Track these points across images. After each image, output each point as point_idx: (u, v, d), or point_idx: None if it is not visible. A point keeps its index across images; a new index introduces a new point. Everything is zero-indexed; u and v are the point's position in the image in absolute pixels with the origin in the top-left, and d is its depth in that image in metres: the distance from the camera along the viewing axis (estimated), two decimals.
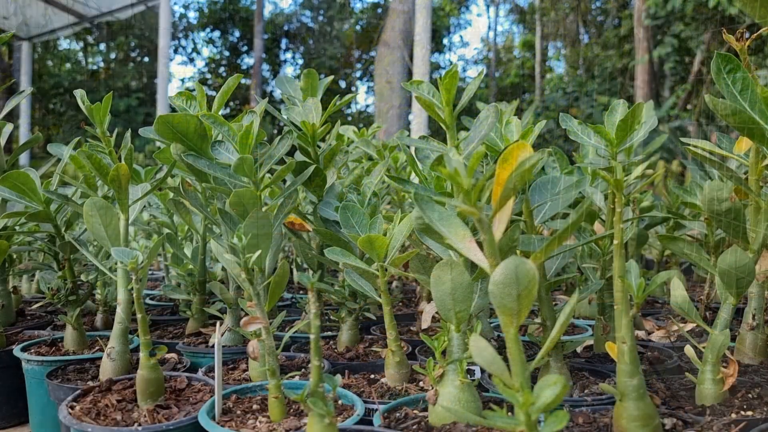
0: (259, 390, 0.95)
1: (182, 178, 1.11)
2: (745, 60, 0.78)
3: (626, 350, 0.71)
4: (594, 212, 1.26)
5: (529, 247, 0.88)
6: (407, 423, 0.78)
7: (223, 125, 0.89)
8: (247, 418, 0.86)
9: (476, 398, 0.75)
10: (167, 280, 1.86)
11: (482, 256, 0.59)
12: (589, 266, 1.10)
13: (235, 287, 1.22)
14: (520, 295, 0.51)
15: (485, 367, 0.53)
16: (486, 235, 0.59)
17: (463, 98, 0.86)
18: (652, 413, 0.70)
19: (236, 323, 1.23)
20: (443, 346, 0.79)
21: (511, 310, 0.52)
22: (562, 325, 0.58)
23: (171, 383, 1.01)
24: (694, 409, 0.79)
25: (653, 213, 1.43)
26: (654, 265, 1.81)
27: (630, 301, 0.73)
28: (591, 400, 0.83)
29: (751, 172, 0.87)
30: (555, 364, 0.89)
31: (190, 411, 0.91)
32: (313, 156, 1.17)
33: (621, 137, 0.88)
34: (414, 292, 1.88)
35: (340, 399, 0.90)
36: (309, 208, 1.51)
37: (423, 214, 0.62)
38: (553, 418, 0.49)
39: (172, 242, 1.35)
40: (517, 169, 0.52)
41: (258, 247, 0.86)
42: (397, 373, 0.97)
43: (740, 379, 0.86)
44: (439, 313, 0.76)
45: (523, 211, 0.92)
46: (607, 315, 1.11)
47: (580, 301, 1.03)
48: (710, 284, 1.32)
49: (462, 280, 0.71)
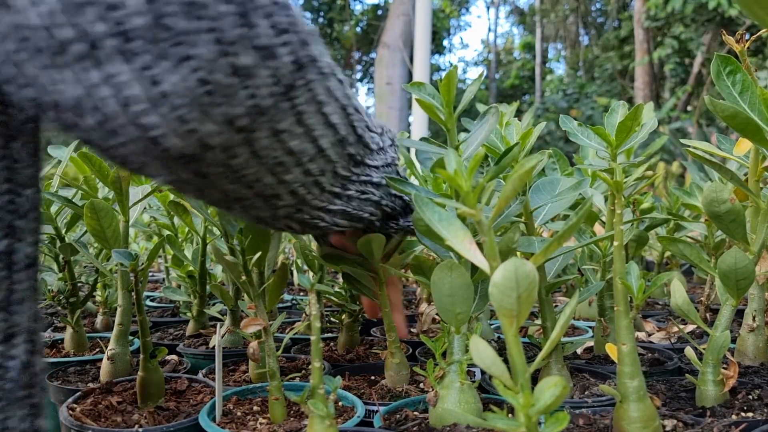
0: (260, 391, 0.95)
1: None
2: (745, 61, 0.78)
3: (626, 352, 0.71)
4: (594, 214, 1.26)
5: (529, 249, 0.88)
6: (408, 425, 0.78)
7: None
8: (247, 420, 0.86)
9: (477, 400, 0.75)
10: (167, 281, 1.86)
11: (482, 257, 0.59)
12: (589, 268, 1.10)
13: (235, 289, 1.22)
14: (520, 296, 0.51)
15: (485, 369, 0.53)
16: (486, 236, 0.59)
17: (464, 100, 0.86)
18: (653, 415, 0.70)
19: (236, 325, 1.23)
20: (443, 348, 0.79)
21: (511, 312, 0.52)
22: (562, 326, 0.58)
23: (171, 385, 1.01)
24: (695, 411, 0.79)
25: (653, 214, 1.43)
26: (654, 266, 1.81)
27: (630, 302, 0.73)
28: (591, 402, 0.83)
29: (751, 173, 0.87)
30: (555, 365, 0.89)
31: (191, 412, 0.91)
32: None
33: (621, 139, 0.88)
34: (414, 293, 1.88)
35: (340, 400, 0.90)
36: None
37: (423, 215, 0.62)
38: (553, 419, 0.49)
39: (173, 244, 1.35)
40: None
41: (258, 248, 0.86)
42: (398, 375, 0.97)
43: (741, 381, 0.86)
44: (439, 315, 0.76)
45: (523, 212, 0.92)
46: (607, 316, 1.11)
47: (580, 303, 1.03)
48: (710, 286, 1.32)
49: (462, 282, 0.71)
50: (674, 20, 9.49)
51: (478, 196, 0.58)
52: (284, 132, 0.50)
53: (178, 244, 1.39)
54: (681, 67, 10.41)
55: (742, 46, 0.79)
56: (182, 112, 0.43)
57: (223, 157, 0.48)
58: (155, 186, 1.11)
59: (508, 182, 0.57)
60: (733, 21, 8.62)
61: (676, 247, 0.85)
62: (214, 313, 1.27)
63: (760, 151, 0.85)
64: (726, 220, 0.82)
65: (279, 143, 0.51)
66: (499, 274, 0.50)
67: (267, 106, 0.47)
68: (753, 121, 0.73)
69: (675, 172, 3.30)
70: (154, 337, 1.42)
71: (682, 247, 0.85)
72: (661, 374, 0.98)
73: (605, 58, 14.38)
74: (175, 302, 1.70)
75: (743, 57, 0.78)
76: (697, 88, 10.13)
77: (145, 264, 1.02)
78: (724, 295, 0.82)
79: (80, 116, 0.43)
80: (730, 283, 0.79)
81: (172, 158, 0.46)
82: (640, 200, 1.39)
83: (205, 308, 1.37)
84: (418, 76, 5.59)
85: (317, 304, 0.75)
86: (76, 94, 0.42)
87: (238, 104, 0.45)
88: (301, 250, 1.24)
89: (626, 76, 13.38)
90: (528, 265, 0.50)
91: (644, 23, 9.89)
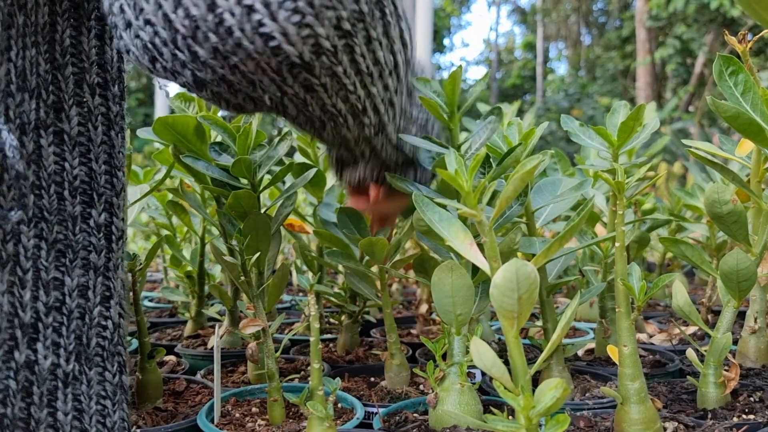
0: (258, 393, 0.95)
1: (181, 180, 1.11)
2: (747, 62, 0.77)
3: (628, 353, 0.71)
4: (596, 214, 1.25)
5: (530, 250, 0.87)
6: (407, 426, 0.78)
7: (222, 127, 0.89)
8: (246, 421, 0.85)
9: (477, 401, 0.75)
10: (166, 281, 1.86)
11: (483, 258, 0.58)
12: (590, 269, 1.10)
13: (233, 289, 1.21)
14: (520, 297, 0.50)
15: (486, 371, 0.53)
16: (487, 237, 0.58)
17: (469, 100, 0.86)
18: (654, 417, 0.70)
19: (235, 326, 1.22)
20: (444, 349, 0.78)
21: (511, 313, 0.51)
22: (563, 328, 0.58)
23: (170, 386, 1.01)
24: (696, 413, 0.79)
25: (655, 215, 1.42)
26: (656, 268, 1.80)
27: (632, 304, 0.73)
28: (592, 404, 0.83)
29: (753, 174, 0.87)
30: (556, 367, 0.88)
31: (189, 414, 0.90)
32: (313, 157, 1.17)
33: (623, 139, 0.87)
34: (414, 294, 1.88)
35: (339, 402, 0.90)
36: (309, 209, 1.51)
37: (423, 215, 0.62)
38: (554, 421, 0.49)
39: (171, 244, 1.35)
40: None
41: (257, 248, 0.86)
42: (397, 376, 0.96)
43: (742, 383, 0.85)
44: (439, 316, 0.76)
45: (525, 213, 0.92)
46: (608, 318, 1.10)
47: (581, 304, 1.02)
48: (712, 287, 1.32)
49: (462, 283, 0.70)
50: (676, 20, 9.49)
51: (479, 196, 0.58)
52: (374, 41, 0.55)
53: (176, 243, 1.38)
54: (683, 67, 10.40)
55: (744, 46, 0.78)
56: (299, 18, 0.47)
57: (329, 63, 0.52)
58: (154, 185, 1.11)
59: (509, 183, 0.57)
60: (736, 21, 8.62)
61: (677, 248, 0.85)
62: (213, 314, 1.27)
63: (762, 152, 0.85)
64: (728, 222, 0.81)
65: (370, 52, 0.56)
66: (499, 275, 0.50)
67: (365, 12, 0.52)
68: (755, 121, 0.73)
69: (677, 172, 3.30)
70: (152, 337, 1.42)
71: (683, 248, 0.85)
72: (662, 376, 0.98)
73: (607, 58, 14.38)
74: (174, 302, 1.69)
75: (745, 57, 0.78)
76: (699, 88, 10.13)
77: (143, 264, 1.01)
78: (726, 297, 0.82)
79: (201, 41, 0.46)
80: (731, 284, 0.78)
81: (287, 68, 0.50)
82: (642, 201, 1.39)
83: (203, 309, 1.37)
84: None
85: (316, 305, 0.74)
86: (197, 14, 0.45)
87: (344, 8, 0.49)
88: (301, 251, 1.23)
89: (628, 76, 13.38)
90: (529, 266, 0.50)
91: (646, 23, 9.88)
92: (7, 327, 0.45)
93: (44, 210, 0.50)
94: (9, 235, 0.45)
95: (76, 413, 0.50)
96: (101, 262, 0.53)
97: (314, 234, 1.10)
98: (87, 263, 0.52)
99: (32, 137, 0.49)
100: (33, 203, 0.49)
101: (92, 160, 0.53)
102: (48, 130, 0.50)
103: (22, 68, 0.48)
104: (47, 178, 0.50)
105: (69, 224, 0.51)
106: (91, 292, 0.52)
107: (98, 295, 0.53)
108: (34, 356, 0.48)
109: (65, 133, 0.51)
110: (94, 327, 0.52)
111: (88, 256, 0.52)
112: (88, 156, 0.53)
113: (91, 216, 0.52)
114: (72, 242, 0.51)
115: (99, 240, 0.53)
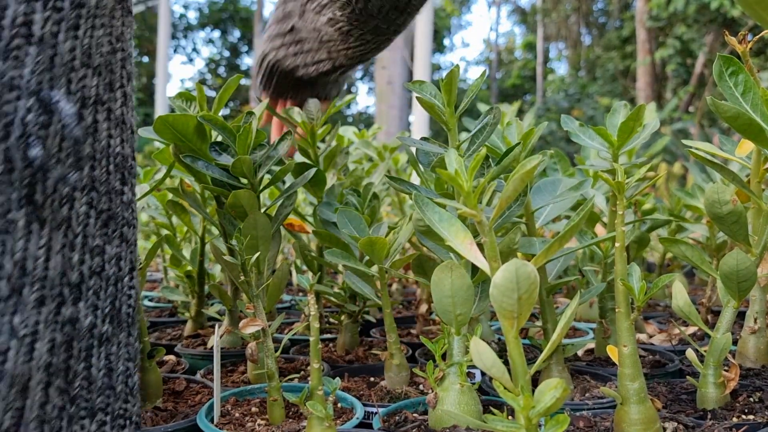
0: (258, 392, 0.95)
1: (181, 179, 1.11)
2: (747, 62, 0.77)
3: (627, 354, 0.71)
4: (595, 215, 1.25)
5: (530, 250, 0.87)
6: (407, 426, 0.78)
7: (223, 126, 0.89)
8: (245, 421, 0.85)
9: (476, 401, 0.75)
10: (166, 281, 1.86)
11: (483, 258, 0.58)
12: (590, 269, 1.10)
13: (233, 289, 1.21)
14: (520, 298, 0.50)
15: (485, 371, 0.53)
16: (487, 237, 0.58)
17: (466, 100, 0.86)
18: (653, 417, 0.70)
19: (235, 325, 1.22)
20: (443, 349, 0.78)
21: (511, 313, 0.51)
22: (563, 328, 0.58)
23: (170, 385, 1.01)
24: (696, 413, 0.79)
25: (655, 216, 1.42)
26: (656, 268, 1.80)
27: (631, 304, 0.73)
28: (592, 404, 0.83)
29: (753, 175, 0.87)
30: (556, 367, 0.88)
31: (189, 413, 0.90)
32: (313, 157, 1.17)
33: (623, 139, 0.87)
34: (414, 294, 1.88)
35: (339, 402, 0.90)
36: (309, 209, 1.51)
37: (423, 215, 0.62)
38: (553, 422, 0.49)
39: (171, 243, 1.35)
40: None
41: (257, 248, 0.86)
42: (397, 376, 0.96)
43: (742, 383, 0.85)
44: (439, 316, 0.76)
45: (525, 213, 0.92)
46: (608, 318, 1.10)
47: (581, 304, 1.02)
48: (712, 287, 1.32)
49: (462, 283, 0.70)
50: (676, 21, 9.49)
51: (479, 196, 0.58)
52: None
53: (176, 243, 1.38)
54: (683, 67, 10.40)
55: (744, 46, 0.78)
56: None
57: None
58: (154, 185, 1.11)
59: (509, 183, 0.57)
60: (736, 22, 8.62)
61: (677, 248, 0.85)
62: (213, 314, 1.27)
63: (762, 153, 0.85)
64: (728, 222, 0.81)
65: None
66: (499, 275, 0.50)
67: None
68: (755, 122, 0.73)
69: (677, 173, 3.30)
70: (152, 337, 1.42)
71: (683, 248, 0.85)
72: (662, 376, 0.98)
73: (607, 58, 14.38)
74: (173, 302, 1.69)
75: (745, 58, 0.78)
76: (699, 88, 10.13)
77: (143, 263, 1.01)
78: (726, 297, 0.82)
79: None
80: (731, 284, 0.78)
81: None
82: (642, 201, 1.39)
83: (203, 308, 1.37)
84: (419, 75, 5.59)
85: (316, 305, 0.74)
86: None
87: None
88: (301, 250, 1.23)
89: (628, 76, 13.38)
90: (529, 266, 0.50)
91: (646, 23, 9.88)
92: (57, 284, 0.49)
93: (95, 181, 0.53)
94: (65, 199, 0.49)
95: (106, 371, 0.55)
96: (130, 235, 0.58)
97: (314, 234, 1.10)
98: (122, 235, 0.56)
99: (91, 111, 0.53)
100: (87, 173, 0.52)
101: (126, 141, 0.57)
102: (103, 107, 0.54)
103: (88, 46, 0.51)
104: (101, 152, 0.54)
105: (112, 197, 0.55)
106: (123, 261, 0.57)
107: (128, 265, 0.57)
108: (77, 314, 0.52)
109: (113, 112, 0.55)
110: (125, 294, 0.57)
111: (123, 228, 0.57)
112: (124, 136, 0.57)
113: (125, 192, 0.57)
114: (114, 214, 0.55)
115: (130, 215, 0.58)
